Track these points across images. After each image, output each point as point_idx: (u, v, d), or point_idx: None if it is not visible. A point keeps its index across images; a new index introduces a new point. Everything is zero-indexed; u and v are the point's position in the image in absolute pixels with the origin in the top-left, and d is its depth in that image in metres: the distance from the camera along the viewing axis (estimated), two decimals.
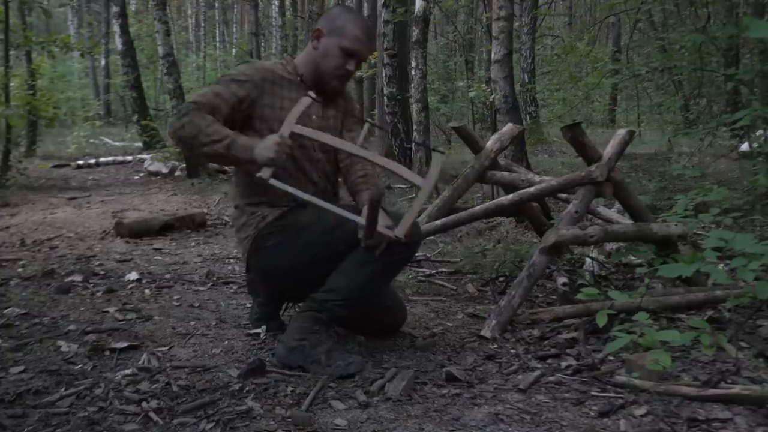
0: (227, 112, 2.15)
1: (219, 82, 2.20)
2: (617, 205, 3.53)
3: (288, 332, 2.18)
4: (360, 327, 2.44)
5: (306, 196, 2.08)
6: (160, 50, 8.21)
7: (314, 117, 2.30)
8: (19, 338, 2.39)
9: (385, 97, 8.18)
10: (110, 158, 10.34)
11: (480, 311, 2.82)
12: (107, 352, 2.26)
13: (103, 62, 19.43)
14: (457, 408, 1.84)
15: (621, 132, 3.02)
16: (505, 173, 3.33)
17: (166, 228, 4.81)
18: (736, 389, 1.87)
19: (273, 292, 2.48)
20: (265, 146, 2.01)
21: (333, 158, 2.39)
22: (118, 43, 11.04)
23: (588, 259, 3.41)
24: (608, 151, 2.92)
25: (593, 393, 1.95)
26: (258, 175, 2.02)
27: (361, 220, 2.04)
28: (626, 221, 3.19)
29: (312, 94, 2.13)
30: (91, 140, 13.30)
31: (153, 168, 8.75)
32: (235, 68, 2.27)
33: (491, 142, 3.37)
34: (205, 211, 5.65)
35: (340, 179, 2.47)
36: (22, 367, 2.09)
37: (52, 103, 10.28)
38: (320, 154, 2.33)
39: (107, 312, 2.76)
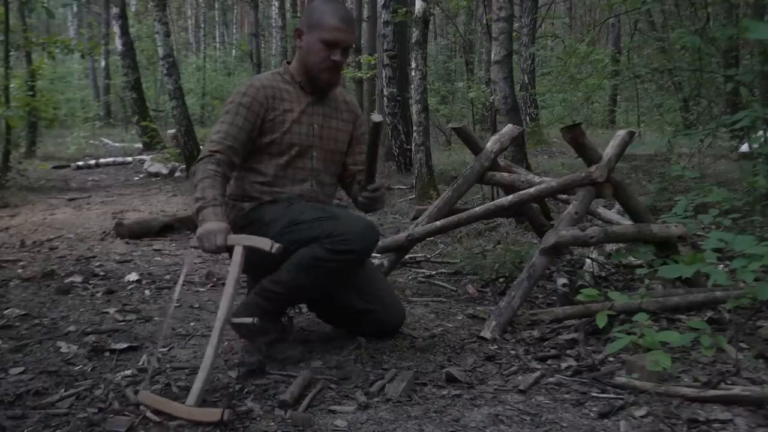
0: (245, 137, 2.26)
1: (229, 111, 2.26)
2: (617, 205, 3.53)
3: (244, 305, 2.23)
4: (359, 328, 2.43)
5: None
6: (160, 51, 8.19)
7: (315, 126, 2.36)
8: (18, 339, 2.39)
9: (385, 98, 8.19)
10: (110, 159, 10.35)
11: (480, 312, 2.82)
12: (107, 353, 2.26)
13: (103, 63, 19.43)
14: (457, 409, 1.84)
15: (621, 133, 3.02)
16: (505, 174, 3.33)
17: (166, 229, 4.81)
18: (736, 390, 1.87)
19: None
20: (207, 235, 2.02)
21: (332, 169, 2.45)
22: (118, 44, 11.05)
23: (588, 260, 3.41)
24: (608, 152, 2.92)
25: (593, 394, 1.95)
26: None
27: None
28: (626, 222, 3.19)
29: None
30: (91, 141, 13.31)
31: (153, 169, 8.75)
32: (240, 91, 2.30)
33: (491, 143, 3.37)
34: None
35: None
36: (21, 368, 2.10)
37: (52, 104, 10.29)
38: (320, 163, 2.39)
39: (107, 313, 2.76)
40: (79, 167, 9.70)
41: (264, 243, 1.98)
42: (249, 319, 2.48)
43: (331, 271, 2.13)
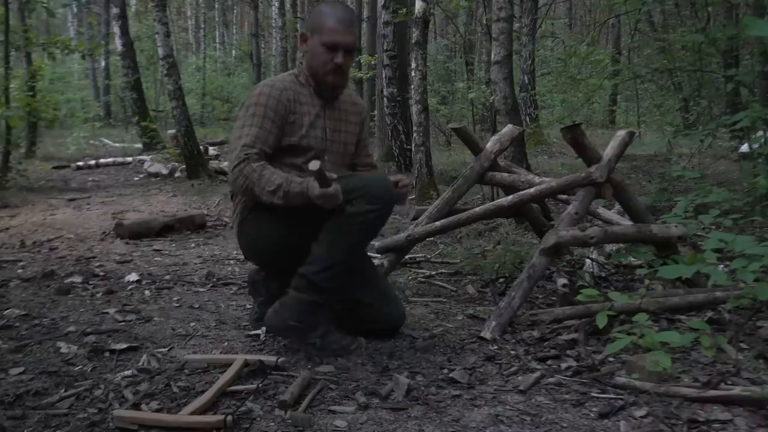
0: (273, 142, 2.26)
1: (255, 114, 2.24)
2: (617, 206, 3.53)
3: (285, 305, 2.23)
4: (358, 328, 2.43)
5: None
6: (160, 51, 8.19)
7: (328, 130, 2.39)
8: (18, 339, 2.39)
9: (384, 98, 8.19)
10: (110, 159, 10.34)
11: (480, 312, 2.81)
12: (107, 354, 2.26)
13: (103, 63, 19.44)
14: (456, 409, 1.84)
15: (621, 133, 3.02)
16: (505, 174, 3.33)
17: (166, 229, 4.81)
18: (736, 390, 1.86)
19: (271, 279, 2.53)
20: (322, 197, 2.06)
21: (341, 171, 2.45)
22: (118, 44, 11.04)
23: (588, 261, 3.41)
24: (608, 152, 2.92)
25: (593, 394, 1.95)
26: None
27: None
28: (626, 222, 3.19)
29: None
30: (91, 141, 13.30)
31: (153, 169, 8.75)
32: (265, 93, 2.28)
33: (491, 144, 3.37)
34: (205, 212, 5.65)
35: None
36: (21, 369, 2.09)
37: (52, 105, 10.29)
38: (330, 166, 2.37)
39: (107, 313, 2.76)
40: (79, 167, 9.69)
41: None
42: (258, 331, 2.49)
43: (365, 221, 2.14)
